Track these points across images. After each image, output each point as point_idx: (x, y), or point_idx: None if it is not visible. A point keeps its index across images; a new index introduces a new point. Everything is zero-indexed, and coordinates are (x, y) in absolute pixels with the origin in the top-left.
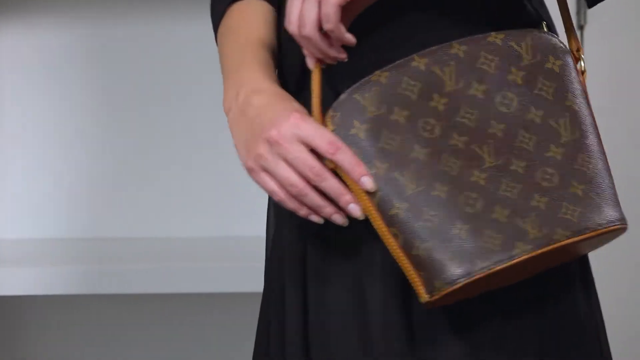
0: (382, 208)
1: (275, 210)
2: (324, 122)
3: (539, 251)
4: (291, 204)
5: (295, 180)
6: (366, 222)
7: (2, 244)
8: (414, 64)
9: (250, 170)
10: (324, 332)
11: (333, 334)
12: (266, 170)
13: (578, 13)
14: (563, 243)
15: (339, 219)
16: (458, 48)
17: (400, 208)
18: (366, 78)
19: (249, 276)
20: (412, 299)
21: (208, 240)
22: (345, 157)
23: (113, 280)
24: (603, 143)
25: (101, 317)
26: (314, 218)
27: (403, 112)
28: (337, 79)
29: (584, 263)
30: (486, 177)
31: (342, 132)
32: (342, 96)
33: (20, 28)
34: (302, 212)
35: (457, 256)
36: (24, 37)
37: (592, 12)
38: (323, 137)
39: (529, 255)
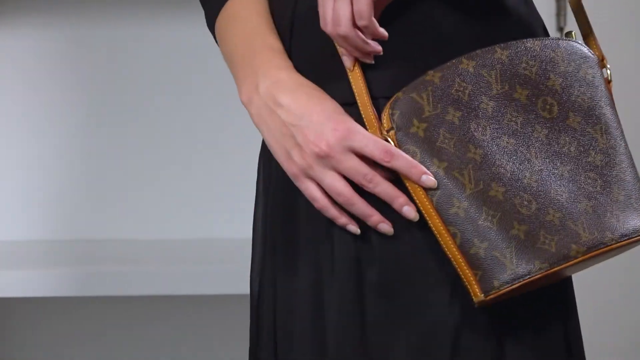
0: (442, 207)
1: (263, 211)
2: (381, 121)
3: (593, 253)
4: (331, 212)
5: (343, 189)
6: (331, 224)
7: None
8: (462, 66)
9: (294, 176)
10: (288, 336)
11: (295, 339)
12: (312, 178)
13: (558, 15)
14: (614, 246)
15: (385, 227)
16: (501, 53)
17: (460, 207)
18: (420, 78)
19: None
20: (366, 300)
21: (199, 242)
22: (402, 162)
23: (103, 282)
24: None
25: (91, 319)
26: (352, 228)
27: (457, 112)
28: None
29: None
30: (537, 180)
31: (403, 130)
32: (399, 94)
33: (12, 28)
34: (341, 220)
35: (517, 256)
36: (17, 38)
37: (572, 15)
38: (377, 146)
39: (585, 256)
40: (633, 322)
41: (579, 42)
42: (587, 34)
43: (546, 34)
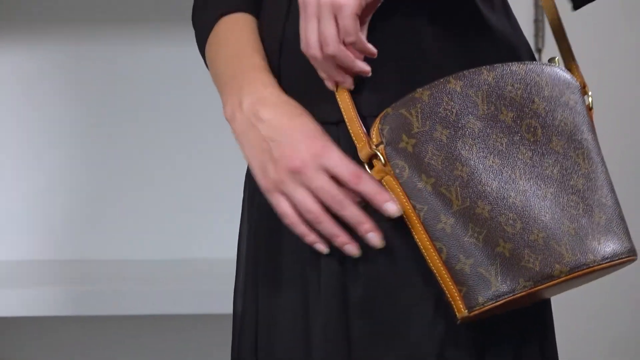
0: (429, 222)
1: (248, 228)
2: (370, 136)
3: (575, 274)
4: (300, 229)
5: (312, 207)
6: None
7: None
8: (449, 85)
9: (266, 191)
10: (270, 351)
11: (278, 353)
12: (284, 193)
13: (536, 36)
14: (595, 268)
15: (351, 249)
16: (487, 74)
17: (447, 223)
18: (409, 95)
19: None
20: (351, 317)
21: (183, 262)
22: (368, 187)
23: (91, 301)
24: None
25: (81, 337)
26: (320, 247)
27: (444, 130)
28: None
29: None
30: (521, 200)
31: (392, 145)
32: (388, 110)
33: (13, 46)
34: (310, 238)
35: (502, 273)
36: (20, 55)
37: (550, 36)
38: (347, 167)
39: (568, 276)
40: (609, 343)
41: (562, 68)
42: (570, 62)
43: (531, 55)
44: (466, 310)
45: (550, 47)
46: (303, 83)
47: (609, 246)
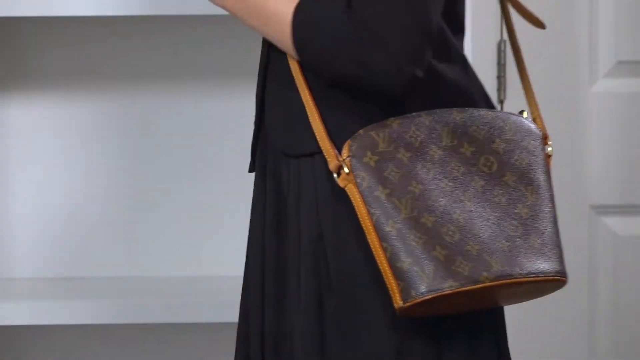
0: (379, 225)
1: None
2: (341, 151)
3: (499, 282)
4: None
5: None
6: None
7: (6, 282)
8: (420, 118)
9: None
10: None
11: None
12: None
13: (499, 90)
14: (520, 280)
15: None
16: (457, 114)
17: (394, 227)
18: (383, 121)
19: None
20: (326, 327)
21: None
22: None
23: (110, 311)
24: None
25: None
26: None
27: (407, 153)
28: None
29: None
30: (465, 218)
31: (357, 158)
32: (360, 132)
33: (43, 98)
34: None
35: (435, 274)
36: (46, 106)
37: (511, 88)
38: None
39: (491, 283)
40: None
41: (529, 119)
42: (536, 115)
43: (488, 103)
44: (402, 302)
45: (511, 100)
46: (282, 116)
47: (537, 265)
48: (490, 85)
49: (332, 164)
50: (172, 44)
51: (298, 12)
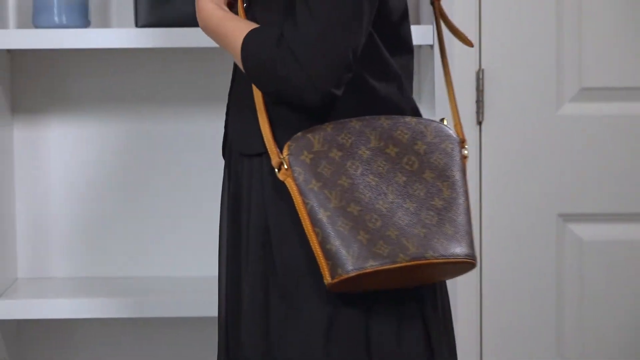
0: (312, 213)
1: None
2: (282, 149)
3: (413, 263)
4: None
5: None
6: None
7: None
8: (351, 123)
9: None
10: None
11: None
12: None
13: (477, 112)
14: (433, 261)
15: None
16: (384, 120)
17: (324, 215)
18: (318, 125)
19: None
20: (270, 304)
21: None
22: None
23: (134, 307)
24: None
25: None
26: None
27: (339, 152)
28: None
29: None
30: (387, 208)
31: (294, 156)
32: (299, 134)
33: (76, 122)
34: None
35: (358, 254)
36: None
37: (488, 111)
38: None
39: (407, 263)
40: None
41: (449, 126)
42: (457, 122)
43: (417, 114)
44: (330, 279)
45: (489, 121)
46: (240, 122)
47: (449, 249)
48: (470, 108)
49: (274, 161)
50: (185, 73)
51: (246, 36)
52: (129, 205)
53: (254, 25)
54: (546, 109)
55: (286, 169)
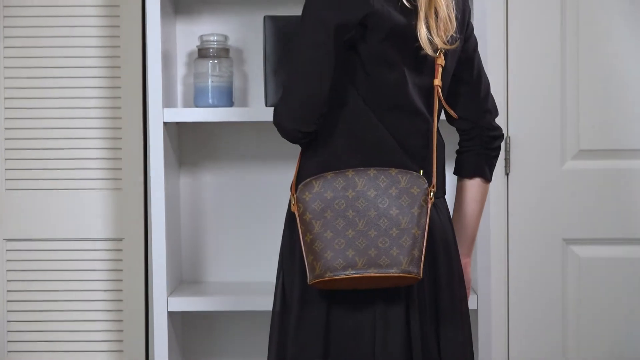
0: (303, 235)
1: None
2: (295, 189)
3: (357, 275)
4: None
5: None
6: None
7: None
8: (347, 172)
9: None
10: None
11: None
12: None
13: (505, 166)
14: (371, 275)
15: None
16: (372, 171)
17: (308, 237)
18: (322, 174)
19: None
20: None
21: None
22: None
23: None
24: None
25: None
26: None
27: (331, 193)
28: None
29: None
30: (353, 235)
31: (300, 195)
32: (308, 180)
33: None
34: None
35: (323, 266)
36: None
37: (514, 166)
38: None
39: (353, 276)
40: None
41: (420, 176)
42: (432, 172)
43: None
44: (308, 281)
45: (514, 173)
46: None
47: (390, 267)
48: (500, 164)
49: (291, 198)
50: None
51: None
52: (260, 229)
53: None
54: (554, 165)
55: (294, 204)
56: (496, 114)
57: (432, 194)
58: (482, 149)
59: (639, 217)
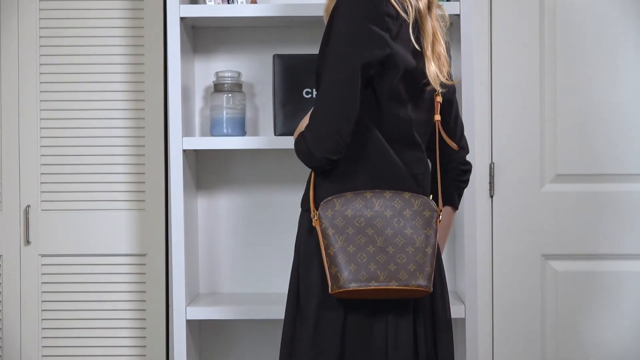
0: (326, 248)
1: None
2: (316, 208)
3: (380, 287)
4: None
5: None
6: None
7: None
8: (365, 193)
9: None
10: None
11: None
12: None
13: (489, 189)
14: (392, 287)
15: None
16: (387, 194)
17: (332, 250)
18: (342, 193)
19: None
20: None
21: None
22: None
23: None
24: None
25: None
26: None
27: (351, 212)
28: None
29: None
30: (373, 250)
31: (323, 212)
32: (329, 198)
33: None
34: None
35: (346, 278)
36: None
37: (497, 188)
38: None
39: (376, 287)
40: None
41: (431, 200)
42: (439, 197)
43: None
44: (330, 290)
45: (497, 195)
46: (306, 188)
47: (409, 281)
48: (485, 187)
49: (312, 214)
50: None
51: (298, 132)
52: (268, 245)
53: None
54: (534, 188)
55: (316, 220)
56: (468, 151)
57: (440, 218)
58: (454, 180)
59: (610, 235)
